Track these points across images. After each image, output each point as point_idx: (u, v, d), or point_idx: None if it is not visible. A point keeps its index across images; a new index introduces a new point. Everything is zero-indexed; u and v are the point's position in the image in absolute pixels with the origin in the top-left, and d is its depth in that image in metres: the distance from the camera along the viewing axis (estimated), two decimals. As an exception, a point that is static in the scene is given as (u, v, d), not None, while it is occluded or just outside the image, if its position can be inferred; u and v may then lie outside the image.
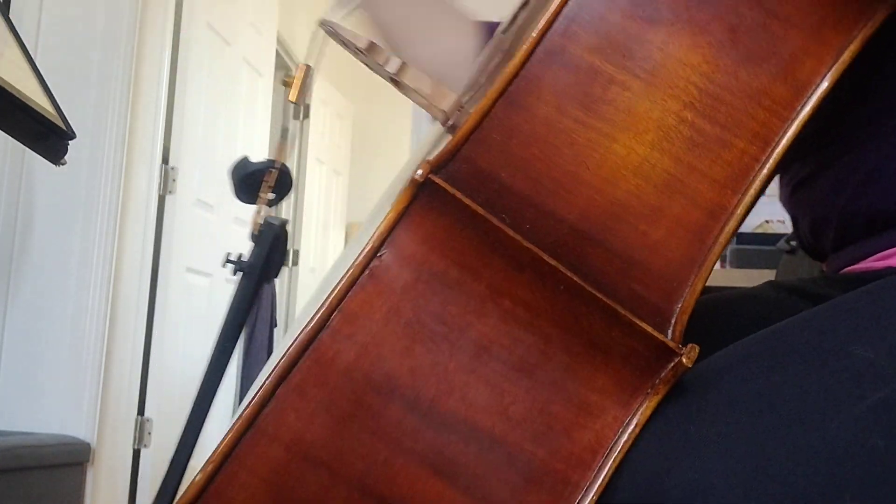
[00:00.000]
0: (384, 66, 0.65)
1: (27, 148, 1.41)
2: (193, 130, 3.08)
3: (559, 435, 0.49)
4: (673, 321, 0.51)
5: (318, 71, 0.70)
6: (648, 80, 0.53)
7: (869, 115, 0.66)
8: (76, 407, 2.48)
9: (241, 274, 0.74)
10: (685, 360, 0.49)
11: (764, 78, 0.53)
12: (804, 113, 0.52)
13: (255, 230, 0.75)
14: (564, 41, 0.53)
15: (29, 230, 2.53)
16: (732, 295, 0.77)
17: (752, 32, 0.53)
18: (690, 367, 0.49)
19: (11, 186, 2.51)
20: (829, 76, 0.53)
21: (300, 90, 0.70)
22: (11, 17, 2.25)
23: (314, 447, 0.49)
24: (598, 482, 0.48)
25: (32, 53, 1.73)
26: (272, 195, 0.70)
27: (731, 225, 0.52)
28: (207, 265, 3.27)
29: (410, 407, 0.49)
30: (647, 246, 0.52)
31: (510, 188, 0.52)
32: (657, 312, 0.51)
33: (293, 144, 4.45)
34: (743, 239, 2.27)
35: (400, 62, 0.65)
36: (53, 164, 1.40)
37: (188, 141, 3.03)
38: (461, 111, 0.59)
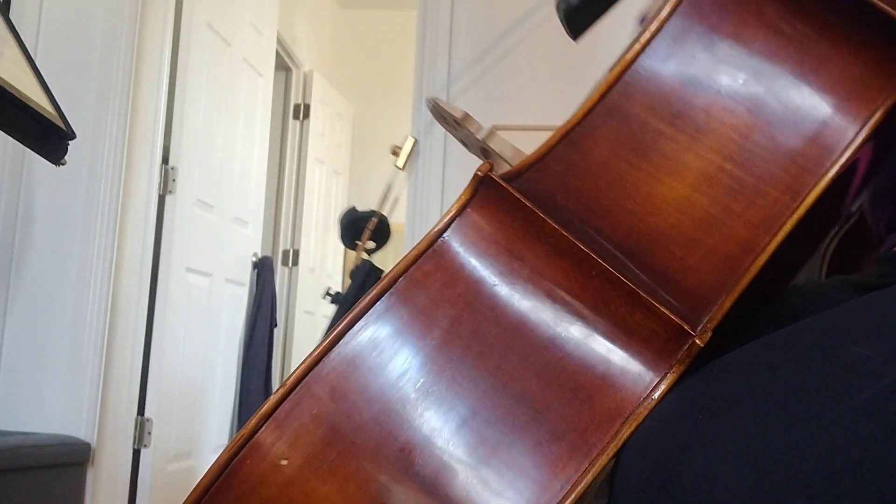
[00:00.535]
0: (475, 133, 0.78)
1: (27, 148, 1.41)
2: (193, 130, 3.08)
3: (583, 400, 0.56)
4: (698, 327, 0.57)
5: (423, 142, 0.83)
6: (693, 135, 0.62)
7: None
8: (76, 407, 2.48)
9: (333, 303, 0.80)
10: (698, 340, 0.55)
11: (797, 141, 0.61)
12: (833, 171, 0.59)
13: (353, 267, 0.83)
14: (622, 101, 0.64)
15: (29, 230, 2.53)
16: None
17: (788, 101, 0.61)
18: (703, 346, 0.55)
19: (11, 186, 2.52)
20: (857, 139, 0.60)
21: (408, 159, 0.80)
22: (11, 17, 2.25)
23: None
24: (612, 444, 0.55)
25: (32, 53, 1.73)
26: (372, 243, 0.76)
27: (761, 259, 0.59)
28: (207, 265, 3.27)
29: (452, 366, 0.58)
30: (681, 268, 0.59)
31: (563, 207, 0.61)
32: (681, 314, 0.57)
33: (294, 145, 4.45)
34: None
35: (489, 130, 0.79)
36: (53, 164, 1.40)
37: (188, 141, 3.04)
38: None
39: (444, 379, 0.57)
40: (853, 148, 0.59)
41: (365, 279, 0.74)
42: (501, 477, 0.54)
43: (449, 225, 0.61)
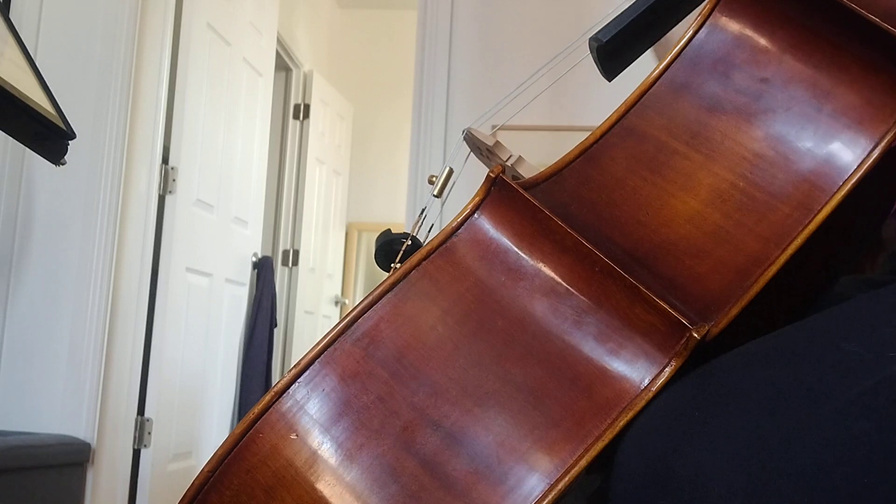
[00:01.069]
0: (506, 160, 0.82)
1: (27, 148, 1.42)
2: (193, 130, 3.08)
3: (582, 389, 0.58)
4: (697, 323, 0.59)
5: (456, 168, 0.90)
6: (708, 154, 0.65)
7: None
8: (76, 407, 2.48)
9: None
10: (695, 333, 0.56)
11: (809, 161, 0.62)
12: (845, 190, 0.61)
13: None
14: (640, 121, 0.68)
15: (29, 230, 2.53)
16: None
17: (800, 123, 0.63)
18: (699, 339, 0.56)
19: (11, 186, 2.52)
20: (869, 159, 0.61)
21: (442, 187, 0.88)
22: (11, 17, 2.25)
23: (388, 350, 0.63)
24: (608, 432, 0.56)
25: (32, 53, 1.73)
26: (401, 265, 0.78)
27: (771, 270, 0.60)
28: (207, 265, 3.27)
29: (458, 353, 0.60)
30: (690, 276, 0.61)
31: (575, 216, 0.64)
32: (681, 311, 0.58)
33: (294, 145, 4.45)
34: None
35: (517, 156, 0.84)
36: (53, 164, 1.41)
37: (188, 141, 3.04)
38: None
39: (450, 366, 0.60)
40: (865, 168, 0.61)
41: None
42: (499, 458, 0.57)
43: (462, 224, 0.65)
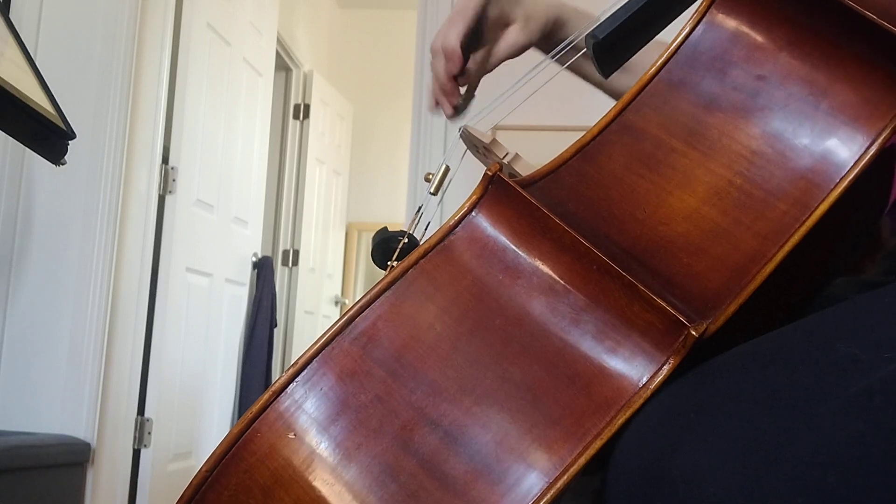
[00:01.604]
0: (503, 158, 0.82)
1: (27, 148, 1.42)
2: (193, 130, 3.08)
3: (580, 387, 0.58)
4: (696, 321, 0.58)
5: (453, 166, 0.89)
6: (705, 152, 0.65)
7: None
8: (76, 407, 2.48)
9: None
10: (693, 331, 0.56)
11: (806, 158, 0.62)
12: (842, 186, 0.61)
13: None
14: (637, 118, 0.67)
15: (29, 230, 2.53)
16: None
17: (798, 120, 0.63)
18: (697, 337, 0.56)
19: (11, 186, 2.52)
20: (866, 156, 0.61)
21: (439, 185, 0.87)
22: (11, 17, 2.25)
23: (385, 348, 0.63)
24: (607, 431, 0.56)
25: (32, 53, 1.73)
26: (398, 263, 0.78)
27: (769, 267, 0.60)
28: (207, 265, 3.27)
29: (456, 352, 0.60)
30: (687, 274, 0.61)
31: (573, 214, 0.64)
32: (680, 309, 0.58)
33: (294, 145, 4.45)
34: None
35: (514, 154, 0.84)
36: (53, 164, 1.40)
37: (188, 141, 3.04)
38: None
39: (448, 364, 0.60)
40: (862, 164, 0.61)
41: None
42: (498, 456, 0.57)
43: (459, 222, 0.65)
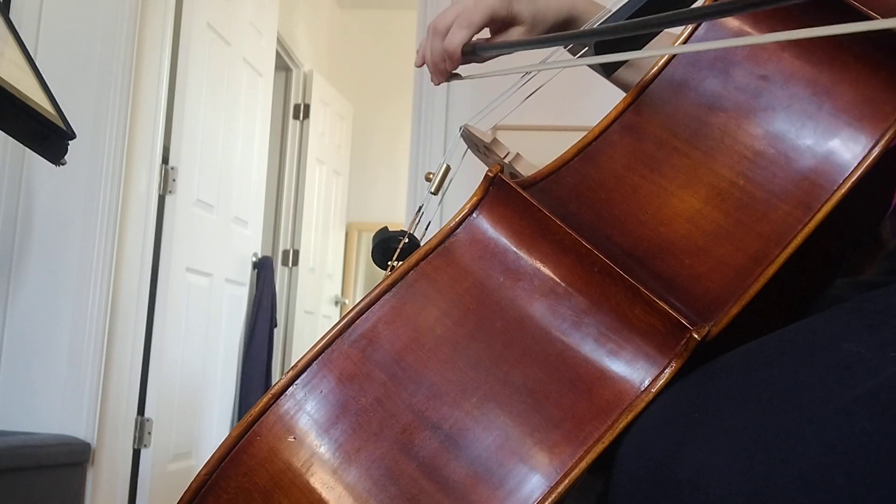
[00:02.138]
0: (503, 157, 0.82)
1: (27, 148, 1.41)
2: (193, 130, 3.08)
3: (582, 390, 0.58)
4: (698, 324, 0.58)
5: (454, 165, 0.89)
6: (708, 152, 0.64)
7: None
8: (76, 407, 2.48)
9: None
10: (695, 334, 0.56)
11: (809, 159, 0.62)
12: (846, 187, 0.61)
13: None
14: (639, 119, 0.67)
15: (29, 230, 2.53)
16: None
17: (801, 121, 0.63)
18: (700, 340, 0.56)
19: (11, 186, 2.52)
20: (870, 157, 0.61)
21: (439, 184, 0.87)
22: (11, 17, 2.25)
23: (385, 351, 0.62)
24: (609, 434, 0.56)
25: (32, 53, 1.73)
26: (398, 263, 0.78)
27: (772, 269, 0.60)
28: (207, 265, 3.27)
29: (457, 355, 0.60)
30: (690, 276, 0.61)
31: (574, 215, 0.64)
32: (682, 311, 0.58)
33: (294, 145, 4.45)
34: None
35: (515, 153, 0.83)
36: (53, 164, 1.40)
37: (188, 141, 3.04)
38: None
39: (448, 367, 0.60)
40: (865, 165, 0.61)
41: None
42: (499, 460, 0.56)
43: (460, 224, 0.65)
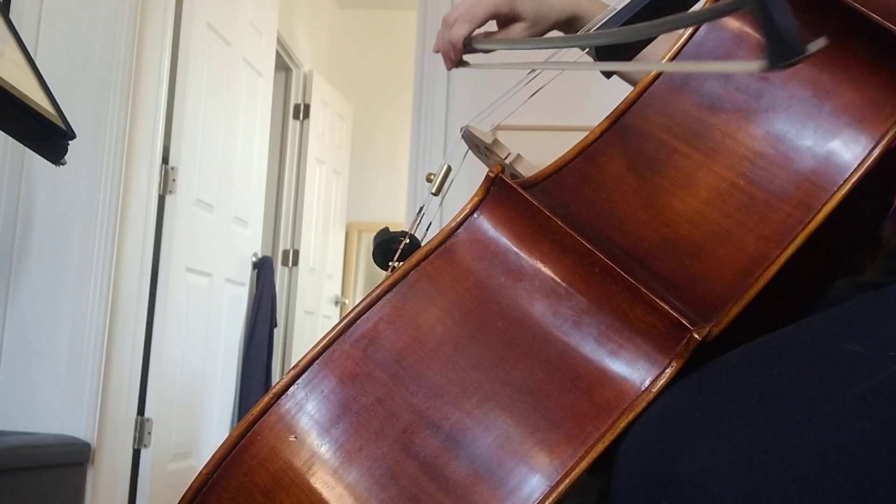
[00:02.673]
0: (504, 158, 0.82)
1: (27, 148, 1.41)
2: (193, 130, 3.08)
3: (583, 390, 0.58)
4: (698, 324, 0.58)
5: (455, 167, 0.89)
6: (708, 153, 0.64)
7: None
8: (76, 407, 2.48)
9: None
10: (696, 335, 0.56)
11: (810, 160, 0.62)
12: (846, 188, 0.61)
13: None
14: (640, 119, 0.67)
15: (29, 230, 2.53)
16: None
17: (801, 122, 0.63)
18: (700, 340, 0.56)
19: (11, 186, 2.52)
20: (870, 158, 0.61)
21: (440, 185, 0.87)
22: (11, 17, 2.25)
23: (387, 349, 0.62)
24: (609, 434, 0.56)
25: (32, 53, 1.73)
26: (399, 264, 0.78)
27: (772, 270, 0.60)
28: (207, 265, 3.27)
29: (458, 355, 0.60)
30: (690, 276, 0.61)
31: (575, 215, 0.64)
32: (682, 312, 0.58)
33: (294, 145, 4.45)
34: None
35: (516, 154, 0.84)
36: (53, 164, 1.40)
37: (188, 141, 3.04)
38: None
39: (449, 367, 0.60)
40: (866, 166, 0.61)
41: None
42: (499, 460, 0.56)
43: (461, 224, 0.65)
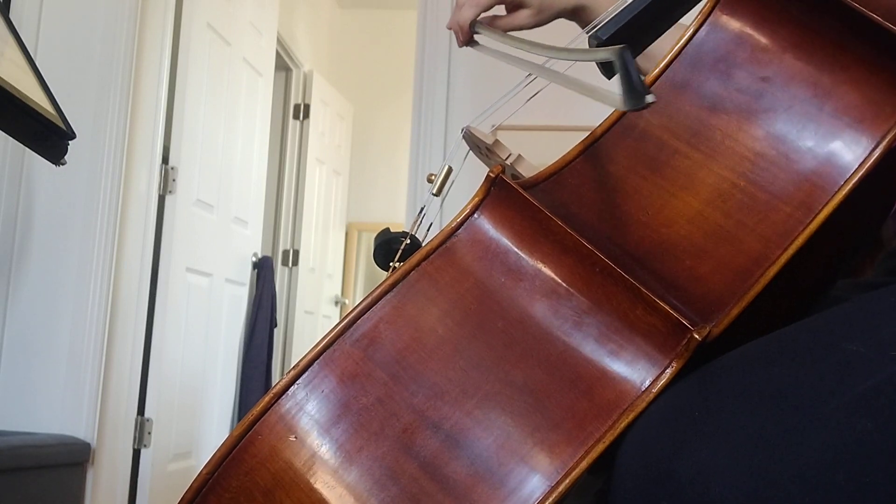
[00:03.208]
0: (505, 159, 0.81)
1: (27, 148, 1.41)
2: (193, 130, 3.08)
3: (583, 390, 0.58)
4: (699, 324, 0.57)
5: (455, 167, 0.89)
6: (709, 154, 0.64)
7: None
8: (76, 407, 2.48)
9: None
10: (696, 335, 0.56)
11: (811, 161, 0.62)
12: (847, 189, 0.60)
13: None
14: (640, 120, 0.67)
15: (29, 230, 2.53)
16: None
17: (802, 123, 0.63)
18: (701, 341, 0.55)
19: (11, 186, 2.52)
20: (871, 158, 0.61)
21: (441, 186, 0.86)
22: (11, 17, 2.25)
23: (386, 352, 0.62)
24: (609, 434, 0.56)
25: (32, 53, 1.73)
26: (400, 264, 0.78)
27: (772, 270, 0.59)
28: (207, 265, 3.27)
29: (459, 355, 0.60)
30: (691, 277, 0.61)
31: (576, 216, 0.64)
32: (682, 312, 0.57)
33: (294, 145, 4.45)
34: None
35: (516, 155, 0.83)
36: (53, 164, 1.40)
37: (188, 141, 3.04)
38: None
39: (450, 367, 0.60)
40: (867, 167, 0.60)
41: None
42: (500, 460, 0.56)
43: (462, 224, 0.65)
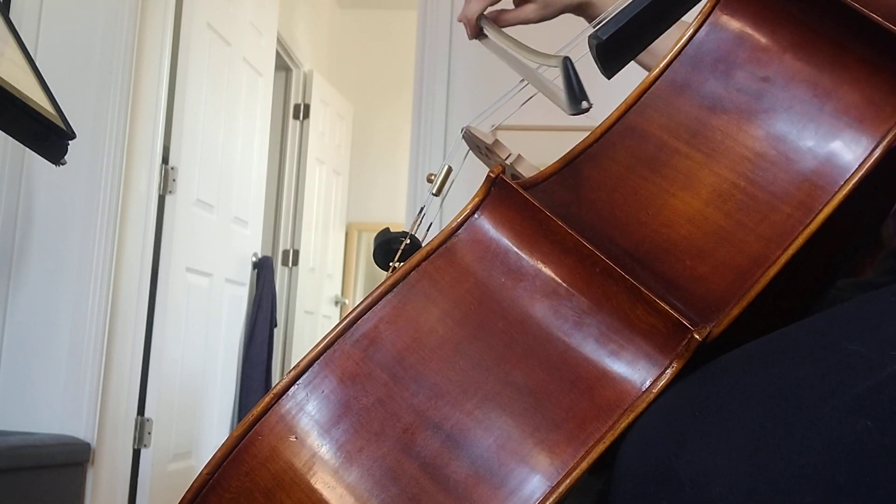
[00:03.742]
0: (505, 159, 0.82)
1: (27, 148, 1.41)
2: (193, 130, 3.08)
3: (583, 391, 0.58)
4: (699, 324, 0.58)
5: (455, 167, 0.89)
6: (709, 154, 0.64)
7: None
8: (76, 407, 2.48)
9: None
10: (697, 335, 0.56)
11: (811, 161, 0.62)
12: (847, 189, 0.60)
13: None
14: (641, 120, 0.67)
15: (29, 230, 2.53)
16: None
17: (802, 123, 0.63)
18: (701, 341, 0.56)
19: (11, 186, 2.52)
20: (871, 159, 0.61)
21: (441, 186, 0.86)
22: (11, 17, 2.25)
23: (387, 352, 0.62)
24: (609, 434, 0.56)
25: (32, 53, 1.73)
26: (400, 264, 0.77)
27: (773, 270, 0.59)
28: (207, 265, 3.27)
29: (459, 355, 0.60)
30: (691, 277, 0.61)
31: (576, 216, 0.64)
32: (683, 312, 0.58)
33: (294, 145, 4.45)
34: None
35: (517, 155, 0.84)
36: (53, 164, 1.40)
37: (188, 141, 3.04)
38: None
39: (450, 367, 0.60)
40: (867, 167, 0.60)
41: None
42: (500, 460, 0.56)
43: (462, 224, 0.64)
